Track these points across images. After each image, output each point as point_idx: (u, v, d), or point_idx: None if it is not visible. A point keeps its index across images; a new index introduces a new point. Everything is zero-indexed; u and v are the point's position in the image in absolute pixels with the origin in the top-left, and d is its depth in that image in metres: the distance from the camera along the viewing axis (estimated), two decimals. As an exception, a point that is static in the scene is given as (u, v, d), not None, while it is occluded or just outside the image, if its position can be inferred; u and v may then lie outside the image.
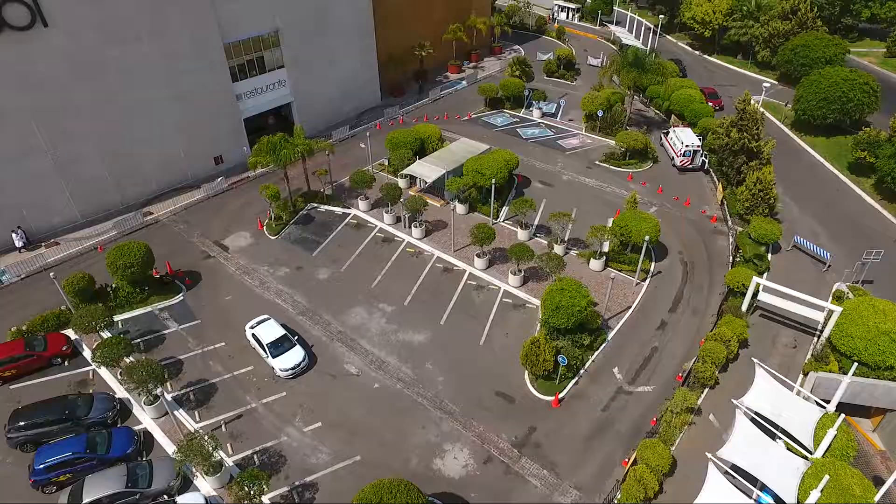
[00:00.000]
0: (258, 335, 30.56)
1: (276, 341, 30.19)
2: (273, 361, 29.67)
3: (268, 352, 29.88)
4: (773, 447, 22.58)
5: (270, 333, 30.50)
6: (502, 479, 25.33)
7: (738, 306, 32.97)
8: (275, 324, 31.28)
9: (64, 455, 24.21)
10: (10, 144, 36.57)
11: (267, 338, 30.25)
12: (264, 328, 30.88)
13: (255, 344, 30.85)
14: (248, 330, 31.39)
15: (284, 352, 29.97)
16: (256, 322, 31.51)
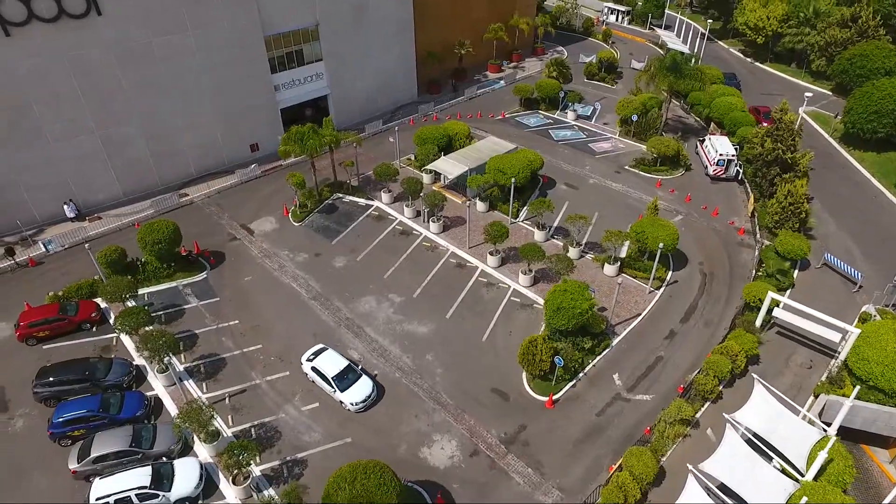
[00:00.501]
0: (319, 368, 28.53)
1: (341, 373, 28.20)
2: (342, 396, 27.64)
3: (334, 385, 27.87)
4: (762, 466, 21.89)
5: (333, 365, 28.52)
6: (486, 473, 25.60)
7: (751, 321, 31.92)
8: (335, 354, 29.47)
9: (79, 412, 26.12)
10: (63, 125, 39.36)
11: (330, 370, 28.24)
12: (325, 360, 28.92)
13: (315, 377, 28.80)
14: (305, 363, 29.38)
15: (352, 384, 28.05)
16: (313, 353, 29.59)
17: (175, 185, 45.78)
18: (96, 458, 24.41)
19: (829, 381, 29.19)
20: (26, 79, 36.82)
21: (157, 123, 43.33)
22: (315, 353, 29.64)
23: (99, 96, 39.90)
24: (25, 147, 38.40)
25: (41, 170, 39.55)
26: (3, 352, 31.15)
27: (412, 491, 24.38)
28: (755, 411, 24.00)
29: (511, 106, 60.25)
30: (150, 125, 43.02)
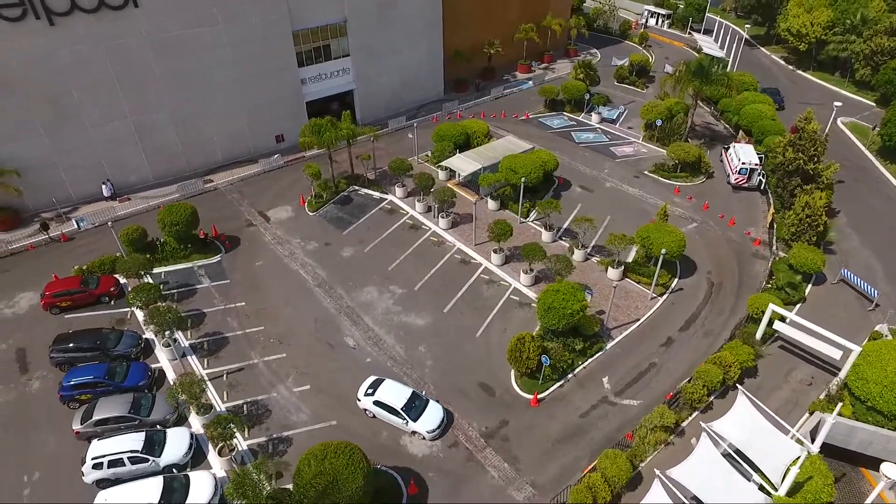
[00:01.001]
0: (384, 401, 26.78)
1: (409, 402, 26.83)
2: (415, 426, 26.37)
3: (405, 416, 26.52)
4: (734, 477, 21.55)
5: (398, 395, 26.99)
6: (462, 464, 26.03)
7: (752, 333, 31.19)
8: (395, 383, 27.89)
9: (87, 377, 27.92)
10: (100, 110, 41.76)
11: (397, 401, 26.67)
12: (387, 391, 27.20)
13: (379, 410, 27.01)
14: (364, 399, 27.40)
15: (422, 411, 26.75)
16: (371, 387, 27.66)
17: (202, 171, 47.85)
18: (97, 422, 26.10)
19: (827, 399, 28.29)
20: (68, 66, 39.26)
21: (187, 112, 45.41)
22: (373, 386, 27.59)
23: (133, 84, 42.16)
24: (65, 130, 40.93)
25: (78, 152, 42.09)
26: (30, 319, 33.46)
27: (386, 475, 25.05)
28: (735, 422, 23.58)
29: (536, 107, 60.19)
30: (179, 113, 45.13)
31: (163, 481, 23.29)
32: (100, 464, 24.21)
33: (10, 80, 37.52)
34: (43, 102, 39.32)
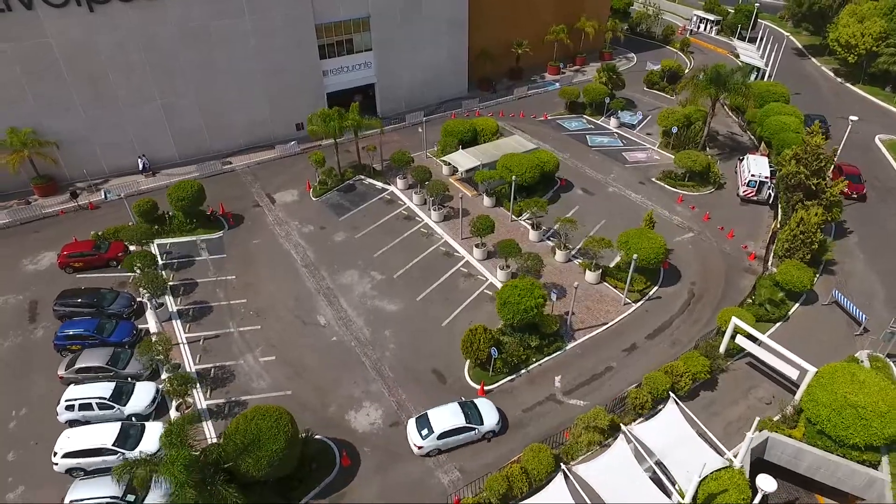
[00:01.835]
0: (449, 428, 26.02)
1: (465, 413, 26.77)
2: (486, 427, 26.73)
3: (475, 426, 26.47)
4: (642, 481, 21.56)
5: (453, 415, 26.56)
6: (399, 444, 27.10)
7: (715, 346, 30.55)
8: (436, 410, 26.96)
9: (78, 330, 30.94)
10: (133, 92, 45.41)
11: (459, 420, 26.39)
12: (441, 420, 26.27)
13: (446, 441, 26.13)
14: (426, 444, 25.84)
15: (479, 413, 26.98)
16: (422, 429, 26.09)
17: (225, 153, 50.94)
18: (79, 369, 28.98)
19: (782, 419, 27.46)
20: (105, 50, 42.98)
21: (212, 98, 48.53)
22: (422, 427, 26.28)
23: (163, 70, 45.55)
24: (101, 108, 44.78)
25: (111, 129, 45.92)
26: (47, 275, 37.13)
27: (322, 443, 26.53)
28: (658, 428, 23.49)
29: (557, 109, 60.06)
30: (205, 99, 48.30)
31: (120, 427, 25.70)
32: (72, 406, 26.96)
33: (53, 61, 41.55)
34: (82, 83, 43.24)
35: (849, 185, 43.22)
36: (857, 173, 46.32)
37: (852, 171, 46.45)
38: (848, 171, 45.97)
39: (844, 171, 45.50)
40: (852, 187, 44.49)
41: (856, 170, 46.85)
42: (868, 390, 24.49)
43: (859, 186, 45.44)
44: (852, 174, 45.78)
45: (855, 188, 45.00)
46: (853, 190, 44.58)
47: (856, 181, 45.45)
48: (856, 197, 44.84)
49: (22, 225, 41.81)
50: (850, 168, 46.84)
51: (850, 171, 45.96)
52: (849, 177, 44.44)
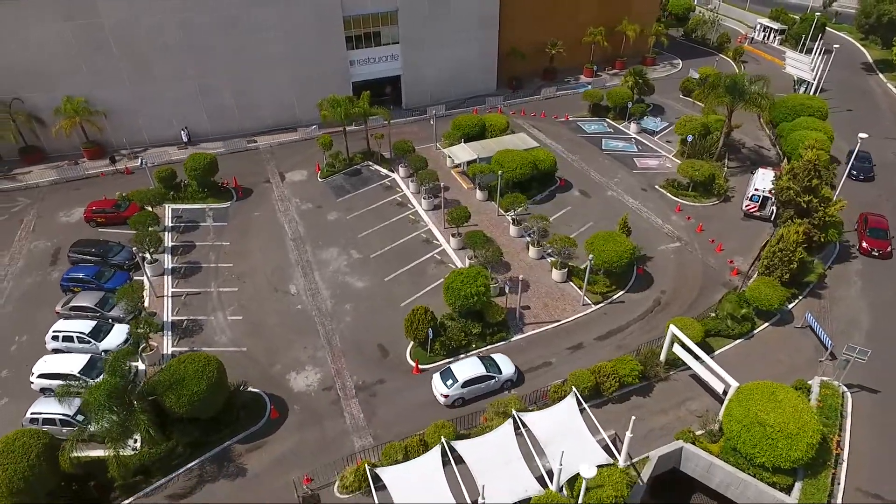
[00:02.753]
0: (471, 377, 28.40)
1: (485, 365, 29.06)
2: (503, 376, 29.12)
3: (495, 375, 28.93)
4: (516, 464, 22.18)
5: (473, 366, 29.02)
6: (325, 406, 29.10)
7: (656, 353, 30.17)
8: (459, 363, 29.53)
9: (80, 275, 35.24)
10: (171, 70, 50.11)
11: (479, 369, 28.81)
12: (463, 370, 28.77)
13: (469, 389, 28.49)
14: (451, 392, 28.19)
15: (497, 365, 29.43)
16: (446, 380, 28.56)
17: (252, 132, 54.91)
18: (72, 307, 33.15)
19: (705, 433, 26.92)
20: (147, 31, 47.80)
21: (243, 80, 52.49)
22: (446, 378, 28.80)
23: (199, 52, 49.89)
24: (143, 84, 49.82)
25: (152, 103, 50.91)
26: (75, 227, 42.06)
27: (257, 396, 28.97)
28: (550, 417, 23.95)
29: (581, 110, 59.68)
30: (236, 81, 52.34)
31: (88, 358, 29.31)
32: (57, 336, 31.02)
33: (102, 39, 46.80)
34: (127, 59, 48.32)
35: (868, 240, 38.91)
36: (884, 227, 40.08)
37: (879, 223, 40.40)
38: (874, 222, 40.30)
39: (870, 222, 40.26)
40: (873, 243, 38.80)
41: (883, 222, 40.58)
42: (781, 410, 23.71)
43: (883, 243, 38.94)
44: (878, 227, 39.90)
45: (877, 244, 38.82)
46: (874, 246, 38.66)
47: (881, 236, 39.25)
48: (878, 255, 38.90)
49: (67, 182, 47.45)
50: (877, 219, 40.79)
51: (875, 224, 40.17)
52: (872, 231, 39.50)
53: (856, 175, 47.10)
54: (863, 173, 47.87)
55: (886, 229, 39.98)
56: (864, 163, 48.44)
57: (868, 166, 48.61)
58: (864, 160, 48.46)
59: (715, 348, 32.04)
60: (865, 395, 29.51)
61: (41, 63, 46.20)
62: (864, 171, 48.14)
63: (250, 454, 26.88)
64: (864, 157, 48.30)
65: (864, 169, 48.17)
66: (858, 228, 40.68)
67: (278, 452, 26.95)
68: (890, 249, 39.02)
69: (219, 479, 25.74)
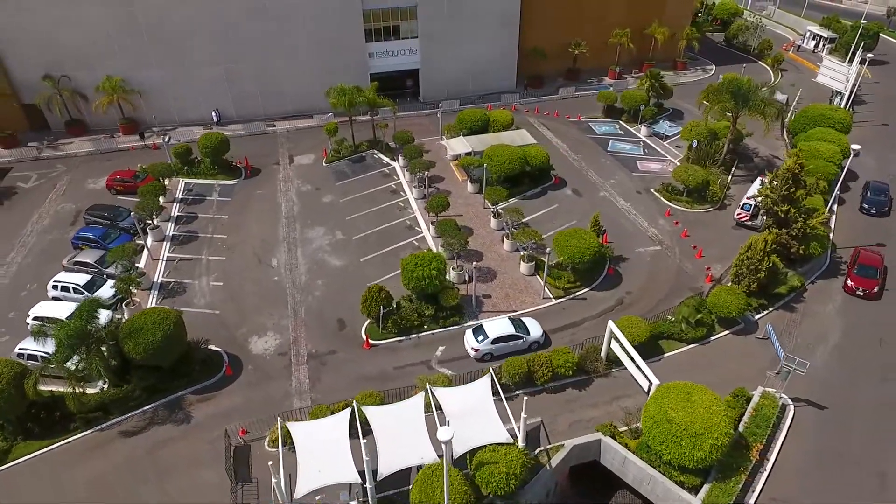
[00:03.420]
0: (503, 335, 30.77)
1: (515, 325, 31.44)
2: (531, 337, 31.37)
3: (523, 335, 31.18)
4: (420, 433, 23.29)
5: (503, 326, 31.29)
6: (277, 369, 31.18)
7: (597, 349, 30.40)
8: (490, 322, 32.02)
9: (87, 234, 39.07)
10: (202, 55, 53.89)
11: (510, 329, 31.24)
12: (494, 329, 31.10)
13: (498, 346, 30.73)
14: (482, 346, 30.57)
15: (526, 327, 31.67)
16: (478, 336, 30.94)
17: (273, 117, 58.18)
18: (75, 262, 36.86)
19: (629, 430, 27.08)
20: (180, 20, 51.73)
21: (267, 67, 55.72)
22: (477, 333, 31.11)
23: (227, 39, 53.41)
24: (174, 67, 53.92)
25: (182, 85, 54.98)
26: (98, 193, 46.22)
27: (215, 353, 31.49)
28: (460, 395, 24.92)
29: (595, 112, 59.38)
30: (261, 67, 55.62)
31: (75, 305, 32.62)
32: (56, 286, 34.72)
33: (138, 26, 51.05)
34: (161, 44, 52.45)
35: (854, 277, 35.39)
36: (876, 264, 36.15)
37: (870, 259, 36.45)
38: (865, 258, 36.44)
39: (861, 258, 36.49)
40: (860, 282, 35.08)
41: (876, 259, 36.67)
42: (692, 410, 23.68)
43: (870, 282, 35.03)
44: (868, 265, 35.99)
45: (864, 283, 34.99)
46: (860, 285, 35.02)
47: (870, 275, 35.31)
48: (862, 295, 35.18)
49: (101, 154, 52.09)
50: (870, 256, 36.86)
51: (866, 260, 36.25)
52: (861, 268, 35.72)
53: (867, 209, 43.15)
54: (876, 207, 43.07)
55: (878, 267, 35.95)
56: (880, 195, 43.85)
57: (883, 199, 43.59)
58: (880, 192, 44.04)
59: (666, 351, 31.89)
60: (812, 410, 28.65)
61: (86, 44, 50.97)
62: (878, 204, 43.21)
63: (200, 405, 29.31)
64: (879, 188, 44.30)
65: (878, 203, 43.33)
66: (849, 263, 37.38)
67: (225, 406, 29.21)
68: (878, 290, 35.20)
69: (167, 423, 28.28)
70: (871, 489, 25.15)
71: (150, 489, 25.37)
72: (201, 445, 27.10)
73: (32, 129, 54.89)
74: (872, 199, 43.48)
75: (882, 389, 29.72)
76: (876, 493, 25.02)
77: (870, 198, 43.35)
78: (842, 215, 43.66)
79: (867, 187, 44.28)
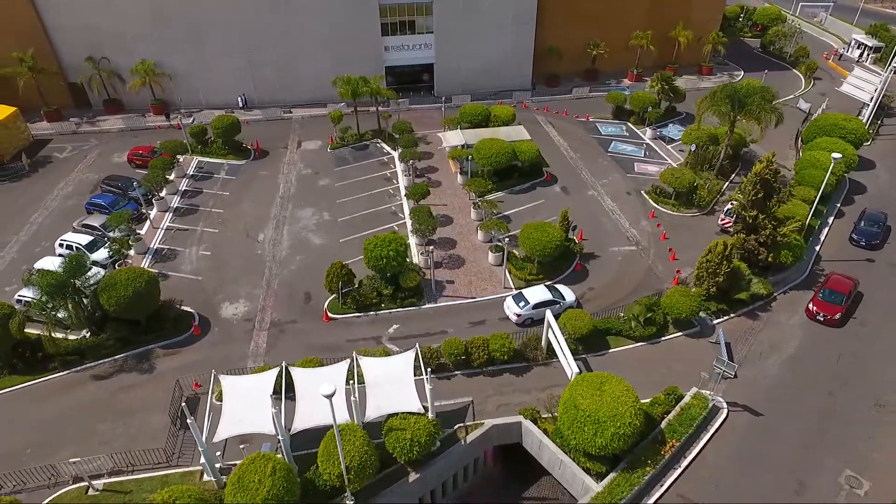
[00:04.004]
0: (542, 300, 33.01)
1: (551, 292, 33.86)
2: (567, 301, 33.63)
3: (559, 300, 33.39)
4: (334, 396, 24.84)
5: (542, 292, 33.76)
6: (241, 332, 33.50)
7: (537, 337, 31.03)
8: (529, 289, 34.22)
9: (98, 201, 42.88)
10: (227, 44, 57.36)
11: (547, 295, 33.51)
12: (534, 295, 33.51)
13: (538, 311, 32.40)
14: (524, 311, 32.79)
15: (560, 293, 34.11)
16: (519, 302, 33.30)
17: (291, 104, 61.15)
18: (83, 224, 40.68)
19: (551, 416, 27.67)
20: (206, 9, 55.30)
21: (287, 57, 58.69)
22: (518, 300, 33.58)
23: (249, 30, 56.61)
24: (202, 55, 57.69)
25: (208, 71, 58.74)
26: (120, 166, 50.42)
27: (188, 313, 34.13)
28: (383, 365, 26.28)
29: (604, 112, 59.13)
30: (281, 57, 58.67)
31: (71, 260, 36.13)
32: (62, 244, 38.42)
33: (167, 16, 54.94)
34: (189, 33, 56.26)
35: (817, 301, 33.33)
36: (844, 290, 33.54)
37: (839, 284, 33.95)
38: (834, 283, 34.10)
39: (830, 282, 34.28)
40: (822, 307, 32.92)
41: (845, 285, 33.94)
42: (600, 398, 24.13)
43: (833, 308, 32.81)
44: (835, 290, 33.61)
45: (826, 309, 32.83)
46: (821, 310, 32.89)
47: (834, 301, 33.04)
48: (822, 321, 33.08)
49: (130, 131, 56.49)
50: (841, 280, 34.29)
51: (835, 286, 33.92)
52: (827, 292, 33.57)
53: (856, 240, 39.51)
54: (866, 238, 39.14)
55: (846, 294, 33.47)
56: (873, 226, 39.80)
57: (876, 231, 39.53)
58: (874, 222, 40.06)
59: (613, 346, 32.10)
60: (746, 416, 28.31)
61: (123, 29, 55.36)
62: (869, 236, 39.23)
63: (165, 358, 31.98)
64: (874, 218, 40.55)
65: (870, 234, 39.32)
66: (818, 285, 35.31)
67: (187, 360, 31.74)
68: (839, 317, 32.83)
69: (132, 372, 31.07)
70: (785, 496, 24.78)
71: (105, 426, 28.11)
72: (158, 394, 29.61)
73: (76, 106, 60.06)
74: (864, 230, 39.66)
75: (824, 402, 28.98)
76: (788, 498, 24.64)
77: (862, 228, 39.86)
78: (836, 229, 42.08)
79: (862, 215, 41.03)
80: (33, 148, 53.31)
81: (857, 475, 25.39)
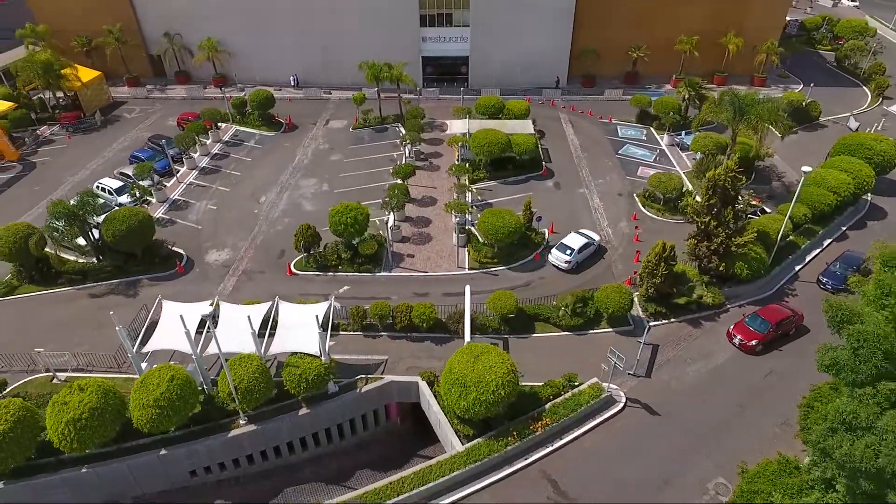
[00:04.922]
0: (584, 245, 37.58)
1: (583, 237, 38.22)
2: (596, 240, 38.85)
3: (594, 242, 38.51)
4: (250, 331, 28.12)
5: (578, 238, 37.96)
6: (216, 276, 37.87)
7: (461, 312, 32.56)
8: (566, 239, 38.08)
9: (139, 155, 49.59)
10: (276, 26, 62.96)
11: (583, 240, 37.87)
12: (574, 241, 37.67)
13: (582, 255, 37.52)
14: (573, 257, 36.85)
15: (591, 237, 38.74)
16: (564, 250, 37.28)
17: (333, 86, 65.84)
18: (120, 172, 47.32)
19: (452, 383, 29.31)
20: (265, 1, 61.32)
21: (331, 41, 63.34)
22: (562, 248, 37.46)
23: (299, 13, 61.83)
24: (257, 36, 63.67)
25: (261, 50, 64.69)
26: (171, 128, 57.23)
27: (177, 254, 39.14)
28: (299, 312, 29.17)
29: (630, 115, 58.30)
30: (326, 41, 63.41)
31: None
32: (98, 186, 45.07)
33: None
34: (244, 14, 62.36)
35: (740, 326, 31.57)
36: (772, 320, 31.17)
37: (772, 314, 31.74)
38: (765, 311, 32.04)
39: (762, 309, 32.48)
40: (742, 332, 31.22)
41: (777, 314, 31.74)
42: (473, 365, 25.49)
43: (753, 335, 30.87)
44: (763, 317, 31.52)
45: (746, 334, 31.04)
46: (740, 334, 31.34)
47: (758, 328, 30.98)
48: (737, 345, 31.45)
49: (191, 100, 63.73)
50: (776, 310, 32.34)
51: (766, 314, 31.79)
52: (754, 319, 31.61)
53: (824, 283, 35.91)
54: (833, 283, 35.33)
55: (772, 323, 31.14)
56: (847, 269, 35.61)
57: (840, 275, 35.47)
58: (849, 265, 35.89)
59: (538, 331, 32.96)
60: (642, 413, 28.29)
61: (193, 8, 62.48)
62: (838, 280, 35.30)
63: (149, 287, 37.03)
64: (852, 260, 36.43)
65: (839, 278, 35.30)
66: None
67: (166, 291, 36.20)
68: (756, 344, 30.82)
69: (120, 295, 36.39)
70: (647, 494, 24.83)
71: (84, 332, 33.39)
72: (135, 313, 34.54)
73: (154, 75, 68.58)
74: (832, 273, 36.08)
75: (728, 414, 28.21)
76: (649, 497, 24.71)
77: (830, 270, 36.43)
78: (832, 251, 39.48)
79: (841, 256, 37.43)
80: (111, 107, 61.87)
81: (728, 483, 24.86)
